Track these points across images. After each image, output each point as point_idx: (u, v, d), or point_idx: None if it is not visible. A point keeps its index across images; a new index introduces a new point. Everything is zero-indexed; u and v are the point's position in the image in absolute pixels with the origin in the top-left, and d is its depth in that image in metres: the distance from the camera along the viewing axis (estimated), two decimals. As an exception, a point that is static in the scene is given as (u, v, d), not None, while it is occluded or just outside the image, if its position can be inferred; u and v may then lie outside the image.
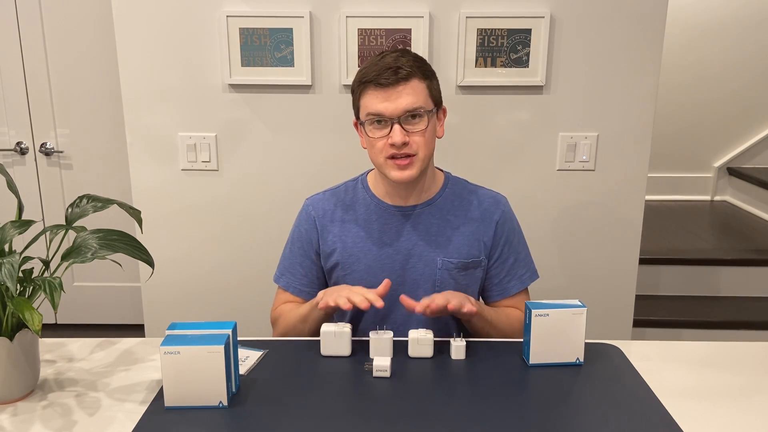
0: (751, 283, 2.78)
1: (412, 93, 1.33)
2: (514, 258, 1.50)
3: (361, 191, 1.50)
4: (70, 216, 1.20)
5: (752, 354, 1.34)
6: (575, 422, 1.07)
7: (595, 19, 1.98)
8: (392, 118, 1.33)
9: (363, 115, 1.38)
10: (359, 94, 1.38)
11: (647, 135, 2.07)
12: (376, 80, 1.33)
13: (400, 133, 1.32)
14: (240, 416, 1.09)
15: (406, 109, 1.33)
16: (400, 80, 1.32)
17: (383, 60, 1.35)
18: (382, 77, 1.32)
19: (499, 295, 1.51)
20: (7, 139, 2.96)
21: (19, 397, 1.15)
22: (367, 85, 1.35)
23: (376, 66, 1.34)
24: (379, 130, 1.35)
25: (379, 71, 1.33)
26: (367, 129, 1.37)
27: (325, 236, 1.49)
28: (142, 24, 2.02)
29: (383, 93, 1.33)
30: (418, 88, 1.34)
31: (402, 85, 1.33)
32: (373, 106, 1.34)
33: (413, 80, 1.34)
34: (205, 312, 2.24)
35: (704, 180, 3.88)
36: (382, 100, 1.33)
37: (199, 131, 2.10)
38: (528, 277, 1.52)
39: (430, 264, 1.45)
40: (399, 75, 1.32)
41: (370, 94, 1.35)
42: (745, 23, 3.68)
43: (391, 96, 1.33)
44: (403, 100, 1.33)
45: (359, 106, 1.39)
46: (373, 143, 1.37)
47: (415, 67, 1.35)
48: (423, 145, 1.36)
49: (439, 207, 1.47)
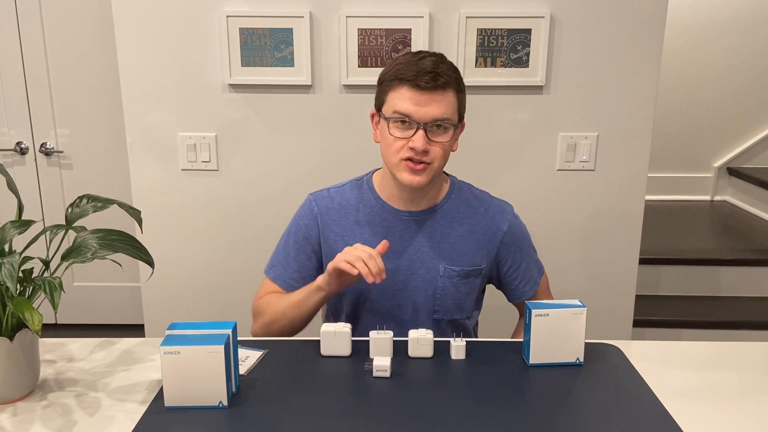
0: (751, 283, 2.78)
1: (445, 103, 1.31)
2: (526, 263, 1.52)
3: (365, 191, 1.47)
4: (70, 216, 1.20)
5: (752, 354, 1.34)
6: (575, 422, 1.07)
7: (595, 19, 1.98)
8: (419, 123, 1.30)
9: (388, 111, 1.33)
10: (390, 88, 1.33)
11: (647, 135, 2.07)
12: (414, 81, 1.29)
13: (422, 139, 1.30)
14: (240, 416, 1.09)
15: (435, 117, 1.30)
16: (438, 87, 1.29)
17: (422, 61, 1.31)
18: (422, 79, 1.28)
19: (517, 298, 1.53)
20: (7, 139, 2.96)
21: (19, 397, 1.15)
22: (402, 82, 1.31)
23: (415, 66, 1.30)
24: (402, 131, 1.32)
25: (418, 72, 1.29)
26: (390, 126, 1.33)
27: (326, 234, 1.47)
28: (142, 24, 2.02)
29: (418, 95, 1.29)
30: (451, 100, 1.32)
31: (439, 93, 1.30)
32: (403, 106, 1.30)
33: (449, 90, 1.31)
34: (205, 312, 2.24)
35: (704, 180, 3.88)
36: (415, 103, 1.30)
37: (199, 131, 2.10)
38: (538, 276, 1.55)
39: (432, 271, 1.44)
40: (438, 82, 1.29)
41: (403, 93, 1.31)
42: (745, 23, 3.68)
43: (425, 101, 1.29)
44: (434, 108, 1.30)
45: (385, 100, 1.35)
46: (392, 142, 1.34)
47: (453, 78, 1.32)
48: (440, 156, 1.34)
49: (444, 213, 1.45)
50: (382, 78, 1.37)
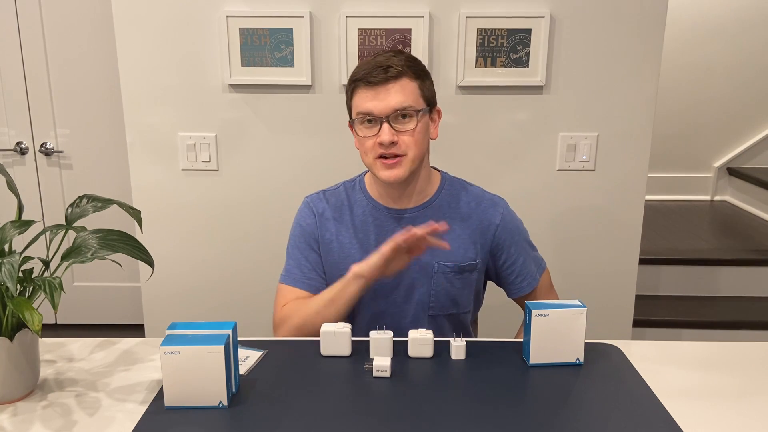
0: (751, 283, 2.78)
1: (401, 91, 1.33)
2: (523, 258, 1.51)
3: (358, 192, 1.50)
4: (70, 216, 1.20)
5: (752, 354, 1.34)
6: (575, 422, 1.07)
7: (595, 19, 1.98)
8: (381, 117, 1.33)
9: (354, 114, 1.38)
10: (351, 93, 1.39)
11: (647, 135, 2.07)
12: (365, 78, 1.33)
13: (388, 131, 1.32)
14: (240, 416, 1.09)
15: (395, 107, 1.33)
16: (389, 78, 1.33)
17: (375, 59, 1.36)
18: (372, 75, 1.33)
19: (516, 294, 1.53)
20: (7, 139, 2.96)
21: (19, 397, 1.15)
22: (357, 83, 1.36)
23: (367, 65, 1.35)
24: (369, 129, 1.36)
25: (369, 69, 1.34)
26: (357, 128, 1.38)
27: (322, 234, 1.49)
28: (142, 24, 2.02)
29: (372, 91, 1.33)
30: (409, 87, 1.34)
31: (392, 84, 1.33)
32: (363, 105, 1.34)
33: (403, 79, 1.34)
34: (205, 312, 2.24)
35: (704, 180, 3.88)
36: (371, 99, 1.33)
37: (199, 131, 2.10)
38: (537, 272, 1.54)
39: (426, 267, 1.44)
40: (389, 73, 1.32)
41: (360, 92, 1.35)
42: (745, 23, 3.68)
43: (380, 94, 1.33)
44: (392, 99, 1.33)
45: (351, 105, 1.40)
46: (362, 142, 1.38)
47: (406, 66, 1.35)
48: (412, 145, 1.35)
49: (435, 210, 1.46)
50: (346, 87, 1.42)
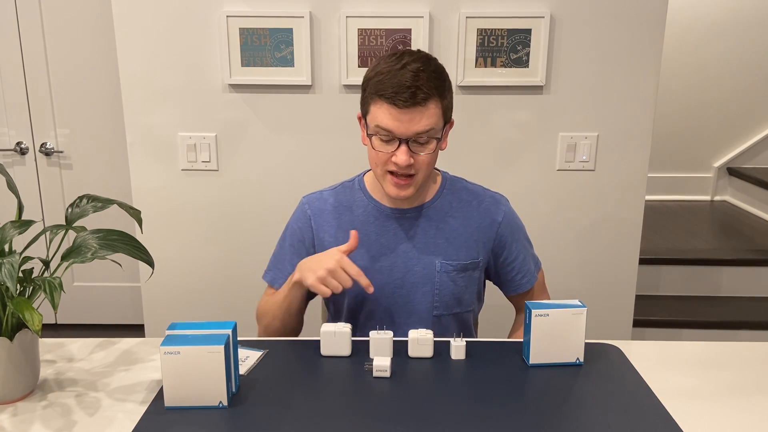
0: (751, 283, 2.78)
1: (426, 116, 1.28)
2: (523, 255, 1.51)
3: (358, 192, 1.48)
4: (70, 216, 1.20)
5: (752, 354, 1.34)
6: (575, 422, 1.07)
7: (595, 19, 1.98)
8: (401, 138, 1.29)
9: (371, 124, 1.32)
10: (371, 100, 1.31)
11: (647, 135, 2.07)
12: (393, 99, 1.26)
13: (406, 154, 1.29)
14: (240, 416, 1.09)
15: (417, 132, 1.29)
16: (417, 104, 1.26)
17: (402, 73, 1.27)
18: (399, 98, 1.26)
19: (514, 291, 1.53)
20: (7, 139, 2.95)
21: (19, 397, 1.15)
22: (382, 98, 1.28)
23: (394, 79, 1.27)
24: (385, 145, 1.31)
25: (396, 89, 1.26)
26: (372, 140, 1.33)
27: (320, 236, 1.47)
28: (142, 24, 2.02)
29: (397, 113, 1.27)
30: (434, 111, 1.29)
31: (419, 110, 1.27)
32: (384, 122, 1.29)
33: (430, 103, 1.28)
34: (205, 312, 2.24)
35: (704, 180, 3.88)
36: (394, 119, 1.28)
37: (199, 131, 2.10)
38: (535, 270, 1.54)
39: (429, 267, 1.44)
40: (417, 98, 1.26)
41: (384, 109, 1.28)
42: (745, 24, 3.68)
43: (404, 116, 1.27)
44: (415, 124, 1.28)
45: (368, 110, 1.33)
46: (375, 154, 1.34)
47: (433, 87, 1.28)
48: (425, 165, 1.33)
49: (437, 209, 1.46)
50: (365, 83, 1.35)
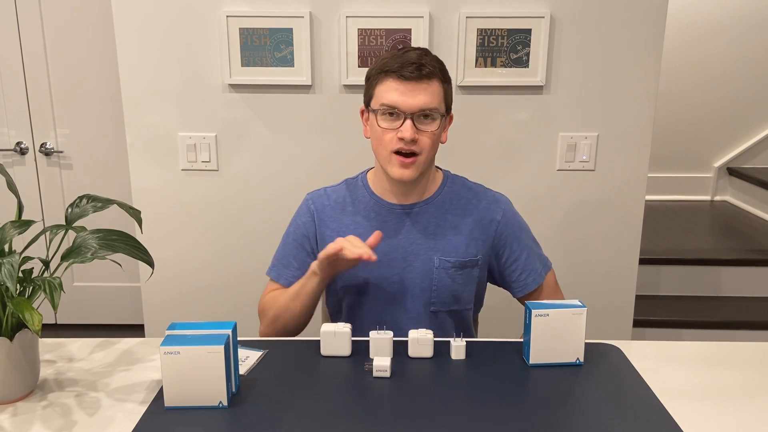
0: (751, 283, 2.78)
1: (431, 92, 1.34)
2: (526, 254, 1.51)
3: (360, 189, 1.50)
4: (70, 216, 1.20)
5: (752, 354, 1.34)
6: (575, 422, 1.07)
7: (595, 19, 1.98)
8: (406, 113, 1.33)
9: (376, 104, 1.37)
10: (377, 82, 1.37)
11: (647, 135, 2.07)
12: (399, 71, 1.32)
13: (411, 128, 1.33)
14: (240, 416, 1.09)
15: (422, 107, 1.33)
16: (423, 77, 1.32)
17: (407, 54, 1.34)
18: (406, 70, 1.32)
19: (521, 291, 1.52)
20: (7, 139, 2.96)
21: (19, 397, 1.15)
22: (388, 74, 1.34)
23: (399, 58, 1.34)
24: (391, 122, 1.35)
25: (402, 64, 1.32)
26: (378, 118, 1.36)
27: (323, 231, 1.49)
28: (142, 24, 2.02)
29: (403, 86, 1.33)
30: (437, 89, 1.35)
31: (424, 83, 1.33)
32: (390, 98, 1.34)
33: (434, 80, 1.34)
34: (205, 312, 2.24)
35: (704, 180, 3.88)
36: (401, 94, 1.33)
37: (199, 131, 2.10)
38: (543, 270, 1.53)
39: (427, 263, 1.45)
40: (423, 72, 1.32)
41: (389, 84, 1.34)
42: (745, 23, 3.67)
43: (411, 91, 1.33)
44: (421, 98, 1.33)
45: (373, 94, 1.38)
46: (381, 134, 1.37)
47: (438, 68, 1.35)
48: (428, 146, 1.36)
49: (438, 206, 1.47)
50: (369, 74, 1.41)
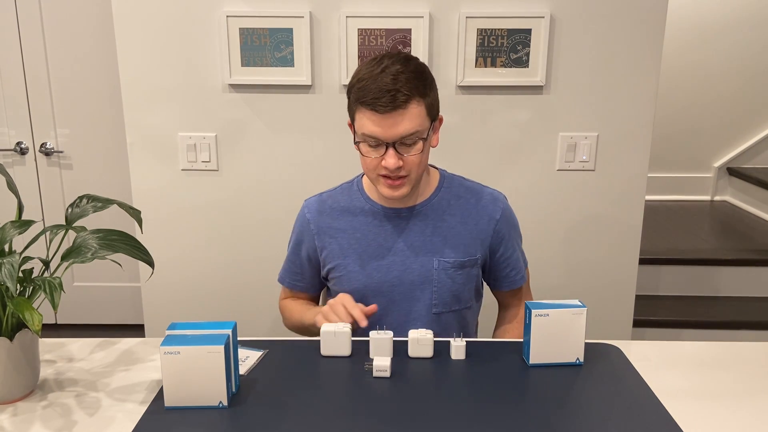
0: (751, 283, 2.78)
1: (410, 118, 1.29)
2: (517, 252, 1.54)
3: (356, 193, 1.50)
4: (70, 216, 1.20)
5: (752, 354, 1.34)
6: (575, 422, 1.07)
7: (595, 19, 1.98)
8: (387, 142, 1.31)
9: (358, 132, 1.34)
10: (355, 107, 1.34)
11: (647, 135, 2.07)
12: (373, 105, 1.28)
13: (394, 157, 1.31)
14: (240, 416, 1.09)
15: (402, 134, 1.30)
16: (397, 107, 1.28)
17: (381, 77, 1.28)
18: (379, 103, 1.27)
19: (508, 287, 1.55)
20: (7, 139, 2.96)
21: (19, 397, 1.15)
22: (364, 105, 1.30)
23: (374, 84, 1.28)
24: (374, 150, 1.33)
25: (376, 95, 1.27)
26: (360, 146, 1.35)
27: (322, 237, 1.50)
28: (142, 24, 2.02)
29: (380, 118, 1.29)
30: (416, 112, 1.30)
31: (400, 111, 1.28)
32: (369, 129, 1.31)
33: (411, 104, 1.29)
34: (205, 312, 2.24)
35: (704, 180, 3.88)
36: (377, 124, 1.30)
37: (199, 131, 2.10)
38: (524, 267, 1.58)
39: (427, 265, 1.45)
40: (397, 101, 1.27)
41: (367, 115, 1.30)
42: (745, 24, 3.68)
43: (387, 121, 1.29)
44: (399, 127, 1.29)
45: (354, 118, 1.35)
46: (365, 160, 1.36)
47: (413, 87, 1.29)
48: (416, 165, 1.34)
49: (435, 207, 1.47)
50: (348, 90, 1.36)
